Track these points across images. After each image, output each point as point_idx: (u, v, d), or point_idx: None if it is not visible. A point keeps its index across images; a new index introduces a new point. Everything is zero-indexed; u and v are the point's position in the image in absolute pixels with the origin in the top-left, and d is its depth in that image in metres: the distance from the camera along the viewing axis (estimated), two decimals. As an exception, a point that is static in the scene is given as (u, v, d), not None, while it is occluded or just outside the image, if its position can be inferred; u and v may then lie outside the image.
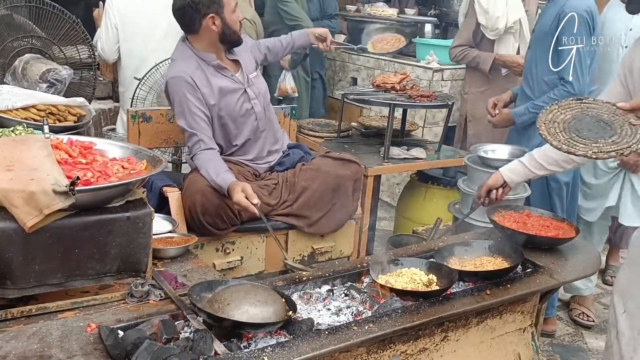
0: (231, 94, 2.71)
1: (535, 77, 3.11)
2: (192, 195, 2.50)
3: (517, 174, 2.37)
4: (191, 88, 2.60)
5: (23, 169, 1.61)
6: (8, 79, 3.09)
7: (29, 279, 1.60)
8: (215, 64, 2.70)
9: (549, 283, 2.05)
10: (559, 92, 2.98)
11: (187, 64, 2.66)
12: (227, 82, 2.72)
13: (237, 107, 2.72)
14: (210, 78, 2.67)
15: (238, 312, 1.59)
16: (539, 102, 3.04)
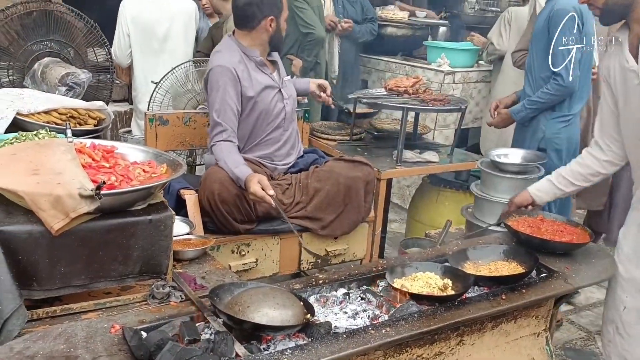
0: (268, 90, 2.81)
1: (534, 75, 3.20)
2: (211, 185, 2.56)
3: (545, 192, 2.42)
4: (233, 79, 2.69)
5: (48, 173, 1.65)
6: (27, 82, 3.15)
7: (54, 280, 1.64)
8: (259, 60, 2.81)
9: (564, 288, 2.07)
10: (551, 86, 3.09)
11: (232, 56, 2.75)
12: (266, 79, 2.82)
13: (272, 104, 2.82)
14: (252, 72, 2.77)
15: (258, 315, 1.62)
16: (535, 97, 3.15)
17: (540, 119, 3.18)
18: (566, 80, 3.04)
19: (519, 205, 2.46)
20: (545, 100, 3.12)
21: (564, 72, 3.03)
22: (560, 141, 3.16)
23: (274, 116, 2.84)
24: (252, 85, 2.75)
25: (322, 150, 3.48)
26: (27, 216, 1.60)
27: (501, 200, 2.75)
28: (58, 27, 3.27)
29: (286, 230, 2.76)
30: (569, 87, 3.07)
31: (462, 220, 3.05)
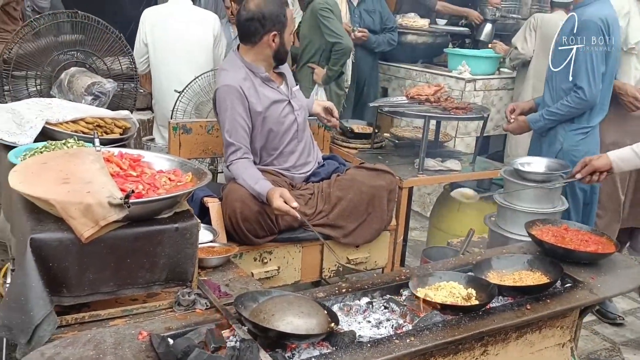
0: (277, 104, 2.81)
1: (555, 86, 3.18)
2: (232, 203, 2.56)
3: (627, 161, 2.37)
4: (239, 97, 2.70)
5: (78, 181, 1.68)
6: (54, 92, 3.21)
7: (83, 287, 1.67)
8: (264, 76, 2.80)
9: (589, 298, 2.05)
10: (571, 99, 3.06)
11: (237, 74, 2.75)
12: (273, 93, 2.81)
13: (282, 117, 2.82)
14: (258, 88, 2.77)
15: (283, 323, 1.63)
16: (554, 108, 3.13)
17: (558, 130, 3.17)
18: (588, 94, 3.01)
19: (597, 169, 2.37)
20: (565, 112, 3.10)
21: (586, 85, 3.01)
22: (578, 153, 3.11)
23: (286, 128, 2.84)
24: (260, 100, 2.75)
25: (344, 157, 3.50)
26: (58, 224, 1.63)
27: (524, 210, 2.74)
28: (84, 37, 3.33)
29: (308, 239, 2.78)
30: (590, 101, 3.05)
31: (484, 229, 3.03)
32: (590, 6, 3.05)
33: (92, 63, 3.38)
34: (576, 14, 3.08)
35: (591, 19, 2.98)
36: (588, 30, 2.98)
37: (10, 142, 2.28)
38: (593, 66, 3.00)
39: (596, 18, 2.98)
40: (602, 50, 3.00)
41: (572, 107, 3.06)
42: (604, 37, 2.99)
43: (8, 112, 2.39)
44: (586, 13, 3.01)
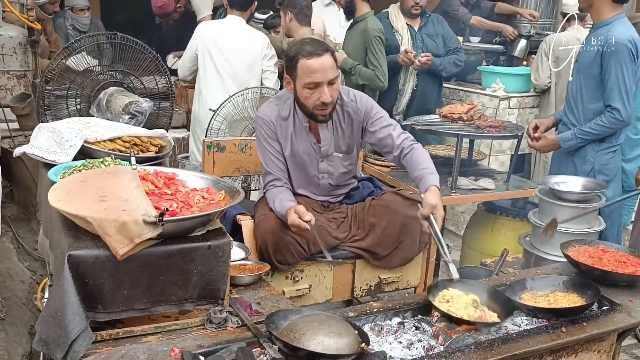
0: (305, 156, 2.73)
1: (581, 105, 3.17)
2: (263, 235, 2.55)
3: None
4: (269, 131, 2.66)
5: (115, 199, 1.72)
6: (93, 111, 3.30)
7: (118, 303, 1.70)
8: (305, 126, 2.68)
9: (627, 322, 2.00)
10: (606, 119, 3.05)
11: (280, 109, 2.68)
12: (306, 146, 2.72)
13: (307, 168, 2.77)
14: (294, 132, 2.68)
15: (313, 343, 1.63)
16: (587, 128, 3.11)
17: (587, 150, 3.14)
18: (624, 115, 3.01)
19: None
20: (599, 132, 3.07)
21: (621, 106, 3.00)
22: (609, 172, 3.13)
23: (310, 179, 2.79)
24: (287, 145, 2.69)
25: (376, 176, 3.49)
26: (94, 241, 1.68)
27: (561, 230, 2.68)
28: (122, 57, 3.42)
29: (340, 257, 2.77)
30: (626, 121, 3.05)
31: (519, 249, 2.99)
32: (613, 26, 3.03)
33: (129, 83, 3.47)
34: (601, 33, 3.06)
35: (621, 42, 2.97)
36: (618, 53, 2.98)
37: (50, 160, 2.35)
38: (627, 86, 2.99)
39: (625, 40, 2.98)
40: (632, 70, 2.99)
41: (607, 127, 3.05)
42: (634, 58, 2.99)
43: (49, 131, 2.47)
44: (613, 34, 3.00)
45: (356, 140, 2.78)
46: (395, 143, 2.67)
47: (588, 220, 2.73)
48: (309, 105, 2.54)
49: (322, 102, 2.50)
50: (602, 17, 3.07)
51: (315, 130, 2.71)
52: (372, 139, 2.74)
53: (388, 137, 2.69)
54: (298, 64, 2.48)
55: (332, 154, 2.74)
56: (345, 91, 2.74)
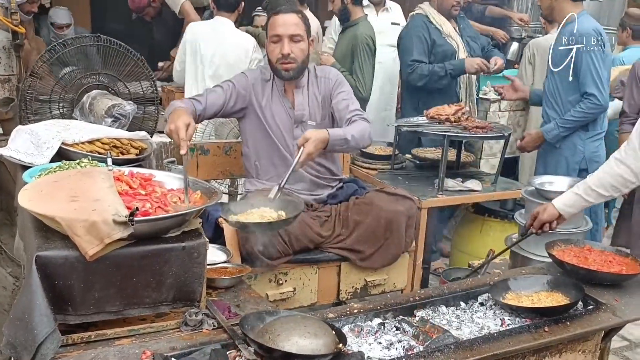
0: (280, 122, 2.82)
1: (560, 100, 3.31)
2: None
3: (573, 206, 2.34)
4: (239, 86, 2.79)
5: (87, 200, 1.69)
6: (76, 114, 3.26)
7: (89, 306, 1.66)
8: (280, 90, 2.82)
9: (612, 321, 1.97)
10: (585, 105, 3.18)
11: (263, 73, 2.85)
12: (281, 111, 2.82)
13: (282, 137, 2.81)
14: (271, 94, 2.81)
15: (288, 344, 1.60)
16: (567, 116, 3.25)
17: (576, 141, 3.26)
18: (600, 99, 3.15)
19: (545, 222, 2.36)
20: (579, 118, 3.19)
21: (597, 91, 3.13)
22: (599, 159, 3.25)
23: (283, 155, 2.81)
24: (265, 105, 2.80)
25: (363, 179, 3.46)
26: (64, 242, 1.64)
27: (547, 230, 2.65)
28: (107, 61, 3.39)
29: (324, 259, 2.74)
30: (604, 105, 3.18)
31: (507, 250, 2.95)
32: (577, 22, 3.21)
33: (113, 86, 3.44)
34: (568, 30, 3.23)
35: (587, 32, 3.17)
36: (585, 44, 3.15)
37: (27, 162, 2.31)
38: (599, 72, 3.14)
39: (590, 30, 3.17)
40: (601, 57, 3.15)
41: (587, 112, 3.18)
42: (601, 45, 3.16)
43: (27, 133, 2.43)
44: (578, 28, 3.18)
45: (328, 109, 2.86)
46: (347, 116, 2.72)
47: (574, 220, 2.69)
48: (273, 59, 2.75)
49: (282, 54, 2.70)
50: (565, 15, 3.26)
51: (291, 96, 2.83)
52: (333, 108, 2.82)
53: (346, 108, 2.75)
54: (269, 21, 2.77)
55: (306, 121, 2.81)
56: (322, 68, 2.96)
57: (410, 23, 4.13)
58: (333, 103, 2.81)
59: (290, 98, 2.83)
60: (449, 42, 3.99)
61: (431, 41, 3.93)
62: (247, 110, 2.84)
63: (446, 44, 3.97)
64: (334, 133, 2.47)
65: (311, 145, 2.35)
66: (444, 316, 2.02)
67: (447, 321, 1.99)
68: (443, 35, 4.00)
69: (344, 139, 2.50)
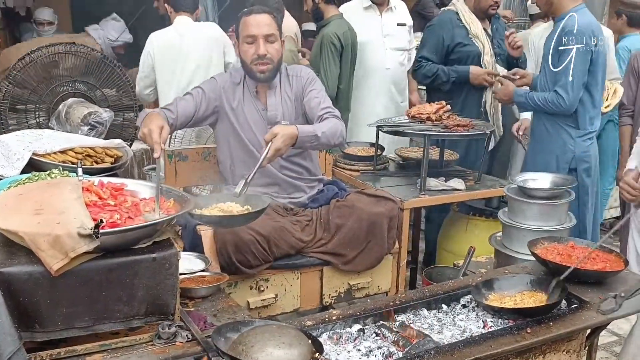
0: (253, 124, 2.78)
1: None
2: (223, 235, 2.47)
3: None
4: (209, 91, 2.75)
5: (51, 212, 1.64)
6: (53, 123, 3.21)
7: (56, 322, 1.61)
8: (252, 91, 2.79)
9: (596, 319, 1.93)
10: (551, 97, 3.13)
11: (233, 76, 2.81)
12: (254, 113, 2.79)
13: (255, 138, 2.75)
14: (242, 98, 2.78)
15: (262, 355, 1.56)
16: (537, 97, 3.18)
17: (565, 140, 3.18)
18: (567, 101, 3.08)
19: None
20: (542, 105, 3.16)
21: (564, 93, 3.07)
22: (589, 158, 3.19)
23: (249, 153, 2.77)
24: (236, 108, 2.76)
25: (345, 180, 3.43)
26: (29, 257, 1.58)
27: (530, 228, 2.63)
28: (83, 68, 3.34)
29: (306, 264, 2.71)
30: (565, 108, 3.11)
31: (491, 250, 2.92)
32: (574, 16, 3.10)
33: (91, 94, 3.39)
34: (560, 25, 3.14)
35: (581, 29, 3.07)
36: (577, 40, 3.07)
37: (-4, 174, 2.26)
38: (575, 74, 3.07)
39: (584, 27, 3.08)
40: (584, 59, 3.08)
41: (549, 104, 3.14)
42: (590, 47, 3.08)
43: (-3, 145, 2.38)
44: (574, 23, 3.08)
45: (301, 108, 2.82)
46: (318, 114, 2.70)
47: (558, 217, 2.67)
48: (247, 60, 2.70)
49: (257, 54, 2.66)
50: (564, 11, 3.15)
51: (264, 97, 2.79)
52: (305, 107, 2.79)
53: (316, 106, 2.73)
54: (240, 22, 2.72)
55: (279, 121, 2.70)
56: (293, 67, 2.92)
57: (438, 18, 4.03)
58: (305, 101, 2.78)
59: (263, 99, 2.79)
60: (474, 43, 3.83)
61: (453, 41, 3.82)
62: (219, 115, 2.80)
63: (471, 44, 3.82)
64: (303, 129, 2.44)
65: (279, 141, 2.31)
66: (425, 320, 1.99)
67: (429, 325, 1.95)
68: (469, 36, 3.84)
69: (314, 135, 2.46)
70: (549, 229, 2.62)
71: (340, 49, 4.05)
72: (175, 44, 3.83)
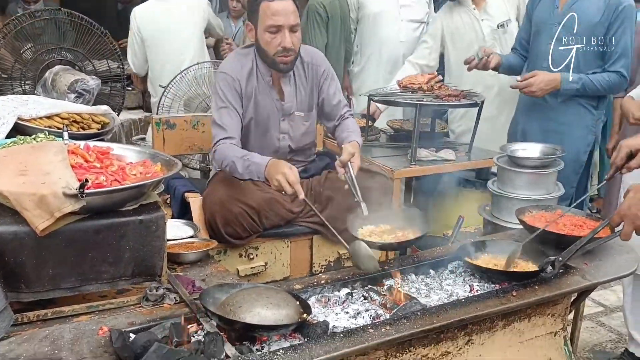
0: (267, 114, 2.64)
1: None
2: (211, 207, 2.44)
3: None
4: (234, 88, 2.54)
5: (36, 173, 1.62)
6: (39, 91, 3.17)
7: (43, 282, 1.61)
8: (268, 81, 2.60)
9: (580, 284, 1.95)
10: (612, 78, 2.89)
11: (242, 63, 2.58)
12: (269, 103, 2.63)
13: (268, 129, 2.66)
14: (257, 88, 2.59)
15: (249, 315, 1.56)
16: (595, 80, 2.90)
17: (588, 121, 3.01)
18: (628, 76, 2.90)
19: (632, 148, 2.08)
20: (603, 88, 2.92)
21: (625, 70, 2.87)
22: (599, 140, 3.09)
23: (267, 142, 2.67)
24: (249, 103, 2.60)
25: (337, 151, 3.41)
26: (14, 217, 1.57)
27: (519, 197, 2.64)
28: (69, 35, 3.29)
29: (296, 233, 2.70)
30: (626, 83, 2.94)
31: (480, 220, 2.94)
32: None
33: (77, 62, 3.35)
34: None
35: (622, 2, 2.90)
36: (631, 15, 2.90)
37: (-19, 139, 2.23)
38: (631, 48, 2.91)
39: None
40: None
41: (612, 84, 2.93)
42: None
43: (-19, 109, 2.34)
44: None
45: (315, 98, 2.72)
46: (340, 112, 2.69)
47: (546, 186, 2.68)
48: (270, 51, 2.48)
49: (283, 47, 2.45)
50: None
51: (279, 87, 2.63)
52: (322, 101, 2.71)
53: (338, 104, 2.70)
54: (260, 7, 2.44)
55: (294, 112, 2.66)
56: (306, 50, 2.72)
57: None
58: (324, 96, 2.70)
59: (277, 88, 2.65)
60: None
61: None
62: None
63: None
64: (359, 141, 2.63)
65: (358, 158, 2.45)
66: (413, 284, 2.00)
67: (416, 289, 1.96)
68: None
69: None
70: (538, 198, 2.63)
71: (326, 18, 4.00)
72: (155, 15, 3.79)
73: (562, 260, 1.96)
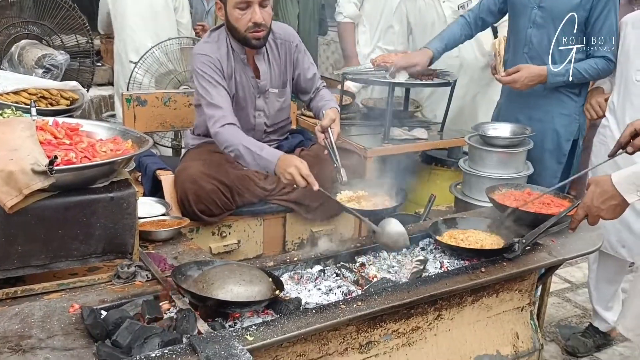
0: (244, 93, 2.63)
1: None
2: (183, 184, 2.43)
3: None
4: (216, 69, 2.50)
5: (4, 149, 1.59)
6: (5, 65, 3.10)
7: (12, 260, 1.59)
8: (243, 58, 2.58)
9: (547, 260, 2.00)
10: (600, 64, 2.76)
11: (218, 46, 2.55)
12: (245, 81, 2.62)
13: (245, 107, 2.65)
14: (234, 67, 2.57)
15: (222, 292, 1.57)
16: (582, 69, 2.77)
17: (570, 109, 2.88)
18: (615, 60, 2.76)
19: None
20: (591, 76, 2.81)
21: (611, 55, 2.75)
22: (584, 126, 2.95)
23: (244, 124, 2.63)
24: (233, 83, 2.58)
25: (310, 130, 3.41)
26: (-19, 194, 1.54)
27: (489, 175, 2.68)
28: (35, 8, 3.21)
29: (268, 211, 2.71)
30: (613, 67, 2.79)
31: (451, 198, 2.98)
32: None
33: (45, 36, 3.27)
34: None
35: None
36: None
37: (-55, 115, 2.17)
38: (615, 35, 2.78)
39: None
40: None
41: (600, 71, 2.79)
42: None
43: (-55, 84, 2.28)
44: None
45: (289, 74, 2.73)
46: (316, 85, 2.71)
47: (516, 165, 2.73)
48: (241, 28, 2.46)
49: (254, 22, 2.43)
50: None
51: (253, 65, 2.62)
52: (298, 76, 2.73)
53: (314, 77, 2.72)
54: None
55: (268, 89, 2.65)
56: (277, 26, 2.69)
57: None
58: (299, 71, 2.71)
59: (252, 66, 2.63)
60: None
61: None
62: None
63: None
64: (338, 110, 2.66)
65: (338, 125, 2.48)
66: (385, 261, 2.02)
67: (388, 266, 1.99)
68: None
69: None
70: (508, 176, 2.67)
71: None
72: None
73: (525, 242, 2.00)
